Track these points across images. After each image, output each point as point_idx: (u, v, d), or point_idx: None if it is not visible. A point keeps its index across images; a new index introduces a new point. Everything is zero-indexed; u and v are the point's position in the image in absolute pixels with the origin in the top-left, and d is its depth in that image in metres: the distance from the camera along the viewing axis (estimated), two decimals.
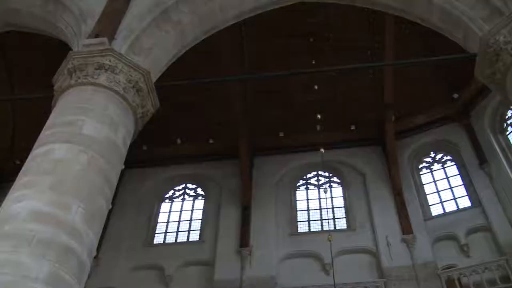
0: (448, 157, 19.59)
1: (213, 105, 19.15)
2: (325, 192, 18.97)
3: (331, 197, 19.61)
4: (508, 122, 18.30)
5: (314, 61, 15.06)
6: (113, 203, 19.87)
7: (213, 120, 19.72)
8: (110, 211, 20.09)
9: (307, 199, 19.77)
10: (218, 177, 20.25)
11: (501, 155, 17.53)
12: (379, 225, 17.66)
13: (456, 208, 17.93)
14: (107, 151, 7.13)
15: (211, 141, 20.43)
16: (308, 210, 19.34)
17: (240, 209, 18.71)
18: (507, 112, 18.34)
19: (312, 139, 18.59)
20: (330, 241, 12.76)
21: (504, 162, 17.25)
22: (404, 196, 18.17)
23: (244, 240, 17.72)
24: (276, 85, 18.30)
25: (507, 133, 18.20)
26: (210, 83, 8.45)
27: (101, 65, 7.90)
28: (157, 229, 19.42)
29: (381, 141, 19.63)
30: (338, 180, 20.17)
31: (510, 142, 17.89)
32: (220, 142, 20.30)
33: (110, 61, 7.97)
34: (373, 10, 10.46)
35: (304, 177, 20.55)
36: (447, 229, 17.18)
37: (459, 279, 15.66)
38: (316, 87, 15.66)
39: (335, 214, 18.98)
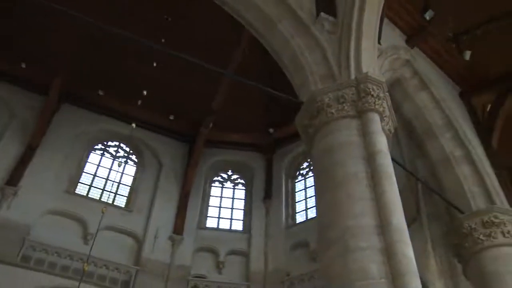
0: (241, 181, 20.80)
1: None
2: (119, 165, 18.60)
3: (122, 173, 19.27)
4: (301, 171, 20.26)
5: (164, 40, 14.78)
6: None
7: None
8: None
9: (98, 165, 19.11)
10: (15, 106, 18.31)
11: (283, 197, 19.33)
12: (155, 217, 17.83)
13: (229, 228, 19.08)
14: None
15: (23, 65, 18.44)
16: (94, 175, 18.68)
17: (25, 147, 17.20)
18: (303, 163, 20.31)
19: (129, 111, 18.11)
20: (103, 213, 12.47)
21: (283, 204, 19.06)
22: (190, 200, 18.68)
23: (14, 179, 16.29)
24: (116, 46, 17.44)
25: (296, 180, 20.13)
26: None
27: None
28: None
29: (191, 141, 20.00)
30: (136, 160, 19.92)
31: (295, 189, 19.83)
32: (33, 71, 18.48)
33: None
34: None
35: (105, 143, 19.87)
36: (213, 243, 18.12)
37: None
38: (155, 64, 15.32)
39: (119, 190, 18.66)
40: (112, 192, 18.43)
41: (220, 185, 20.64)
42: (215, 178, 20.82)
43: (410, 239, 6.00)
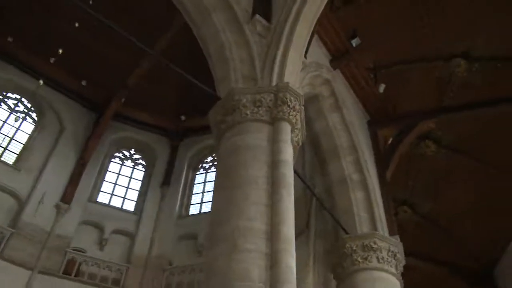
0: (143, 162, 20.36)
1: None
2: (16, 120, 17.49)
3: (18, 128, 18.12)
4: (204, 165, 20.26)
5: (92, 2, 14.08)
6: None
7: None
8: None
9: None
10: None
11: (181, 186, 19.22)
12: (45, 181, 16.96)
13: (120, 206, 18.61)
14: None
15: None
16: None
17: None
18: (208, 157, 20.33)
19: (39, 66, 17.11)
20: None
21: (180, 193, 18.95)
22: (85, 171, 17.97)
23: None
24: None
25: (198, 172, 20.10)
26: None
27: None
28: None
29: (100, 111, 19.27)
30: (36, 118, 18.80)
31: (194, 181, 19.80)
32: None
33: None
34: None
35: (4, 93, 18.56)
36: (101, 218, 17.59)
37: (80, 264, 16.08)
38: (77, 24, 14.53)
39: (10, 146, 17.51)
40: (1, 147, 17.28)
41: (120, 162, 20.09)
42: (116, 154, 20.23)
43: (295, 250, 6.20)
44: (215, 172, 18.28)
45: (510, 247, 14.95)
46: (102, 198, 18.61)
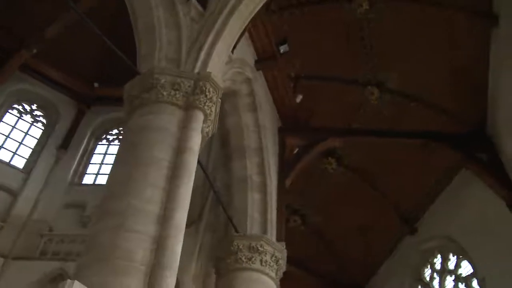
0: (43, 120, 19.27)
1: None
2: None
3: None
4: (108, 136, 19.65)
5: None
6: None
7: None
8: None
9: None
10: None
11: (80, 153, 18.48)
12: None
13: (8, 161, 17.52)
14: None
15: None
16: None
17: None
18: (114, 129, 19.74)
19: None
20: None
21: (76, 160, 18.21)
22: None
23: None
24: None
25: (100, 143, 19.46)
26: None
27: None
28: None
29: (4, 57, 17.86)
30: None
31: (94, 151, 19.12)
32: None
33: None
34: None
35: None
36: None
37: None
38: None
39: None
40: None
41: (18, 115, 18.88)
42: (15, 106, 19.00)
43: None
44: (118, 146, 17.81)
45: (381, 270, 15.96)
46: None
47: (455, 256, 13.89)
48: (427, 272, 14.65)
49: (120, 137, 19.19)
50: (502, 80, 11.57)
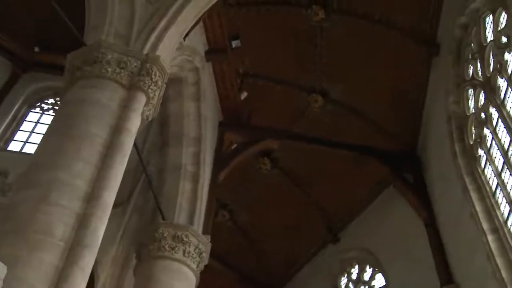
0: None
1: None
2: None
3: None
4: (43, 105, 18.82)
5: None
6: None
7: None
8: None
9: None
10: None
11: (8, 119, 17.51)
12: None
13: None
14: None
15: None
16: None
17: None
18: (50, 99, 18.92)
19: None
20: None
21: (3, 125, 17.25)
22: None
23: None
24: None
25: (33, 110, 18.60)
26: None
27: None
28: None
29: None
30: None
31: (25, 117, 18.25)
32: None
33: None
34: None
35: None
36: None
37: None
38: None
39: None
40: None
41: None
42: None
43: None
44: (53, 116, 17.11)
45: (300, 273, 16.32)
46: None
47: (371, 268, 14.44)
48: (344, 280, 15.12)
49: (56, 107, 18.45)
50: (436, 107, 12.12)
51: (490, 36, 10.07)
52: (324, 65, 13.31)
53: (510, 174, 9.25)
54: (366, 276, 14.56)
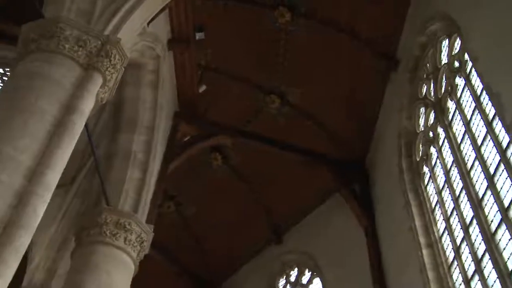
0: None
1: None
2: None
3: None
4: None
5: None
6: None
7: None
8: None
9: None
10: None
11: None
12: None
13: None
14: None
15: None
16: None
17: None
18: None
19: None
20: None
21: None
22: None
23: None
24: None
25: None
26: None
27: None
28: None
29: None
30: None
31: None
32: None
33: None
34: None
35: None
36: None
37: None
38: None
39: None
40: None
41: None
42: None
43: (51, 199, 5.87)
44: (0, 87, 16.45)
45: (240, 271, 16.40)
46: None
47: (310, 273, 14.69)
48: (282, 282, 15.31)
49: (5, 78, 17.74)
50: (389, 121, 12.46)
51: (444, 59, 10.44)
52: (285, 67, 13.43)
53: (449, 193, 9.63)
54: (304, 280, 14.80)
